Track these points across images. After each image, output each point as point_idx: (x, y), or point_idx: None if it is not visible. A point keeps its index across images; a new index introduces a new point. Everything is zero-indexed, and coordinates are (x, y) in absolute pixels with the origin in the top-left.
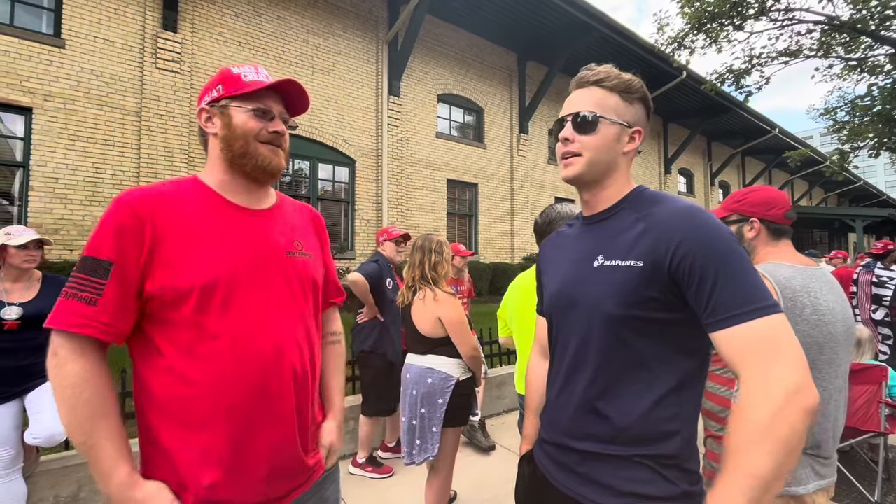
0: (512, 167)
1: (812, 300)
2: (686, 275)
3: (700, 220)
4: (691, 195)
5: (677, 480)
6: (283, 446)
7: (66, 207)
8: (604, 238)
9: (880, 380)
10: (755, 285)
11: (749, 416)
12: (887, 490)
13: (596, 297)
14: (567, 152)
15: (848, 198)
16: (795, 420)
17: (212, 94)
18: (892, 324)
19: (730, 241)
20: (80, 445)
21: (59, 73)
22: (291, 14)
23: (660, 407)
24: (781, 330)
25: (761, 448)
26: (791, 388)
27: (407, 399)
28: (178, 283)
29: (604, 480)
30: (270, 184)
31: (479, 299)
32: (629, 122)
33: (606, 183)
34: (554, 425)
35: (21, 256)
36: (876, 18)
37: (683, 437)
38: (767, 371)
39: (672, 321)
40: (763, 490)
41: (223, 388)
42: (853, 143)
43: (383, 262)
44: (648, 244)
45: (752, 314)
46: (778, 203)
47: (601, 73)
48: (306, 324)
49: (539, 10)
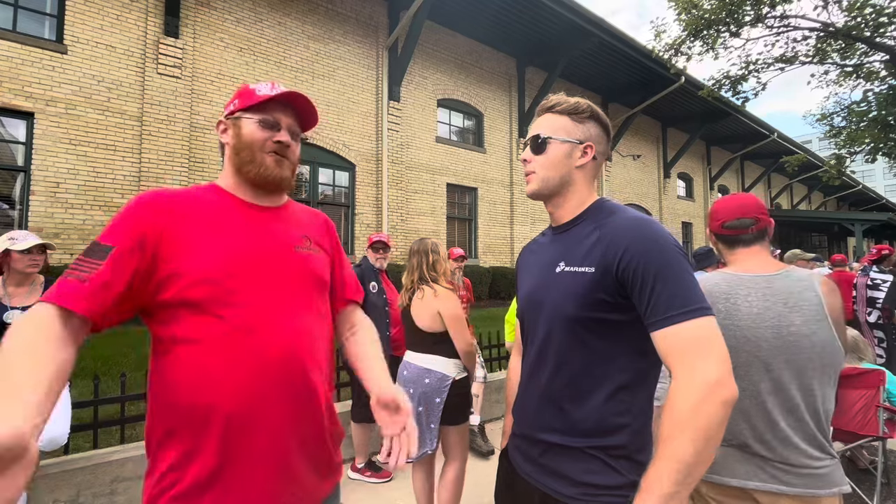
0: (511, 172)
1: (729, 305)
2: (630, 279)
3: (644, 231)
4: (690, 199)
5: (626, 471)
6: (280, 453)
7: (66, 212)
8: (566, 246)
9: (878, 384)
10: (689, 289)
11: (675, 407)
12: (886, 495)
13: (556, 300)
14: (526, 172)
15: (847, 202)
16: (713, 411)
17: (230, 108)
18: (885, 326)
19: (669, 250)
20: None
21: (61, 78)
22: (292, 20)
23: (612, 401)
24: (709, 330)
25: (684, 435)
26: (711, 382)
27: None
28: (188, 275)
29: (563, 471)
30: (278, 195)
31: (479, 304)
32: (579, 138)
33: (566, 195)
34: (521, 418)
35: (24, 261)
36: (871, 25)
37: (632, 430)
38: (693, 367)
39: (623, 322)
40: (686, 473)
41: (224, 382)
42: (850, 148)
43: (367, 265)
44: (600, 252)
45: (684, 315)
46: (716, 215)
47: (552, 100)
48: (314, 318)
49: (538, 15)
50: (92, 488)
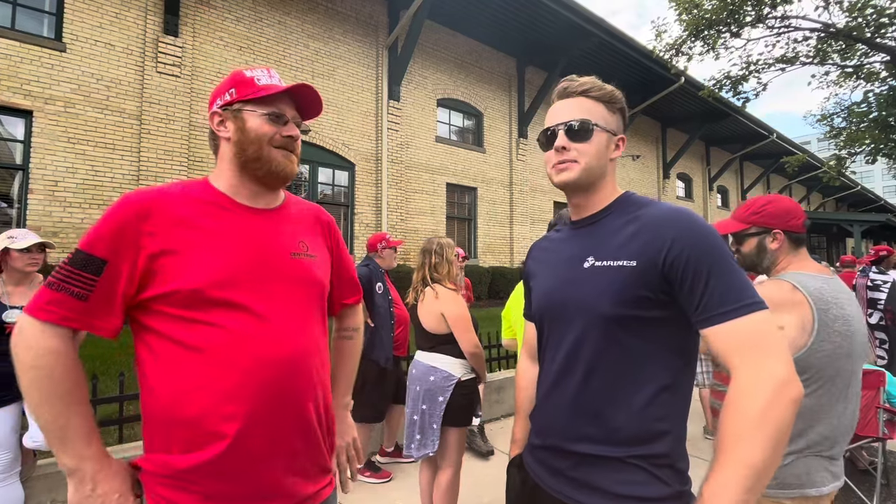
0: (511, 171)
1: (841, 311)
2: (679, 273)
3: (691, 221)
4: (690, 200)
5: (670, 480)
6: (274, 459)
7: (65, 210)
8: (593, 240)
9: (878, 385)
10: (743, 283)
11: (741, 408)
12: (886, 496)
13: (588, 298)
14: (562, 160)
15: (846, 203)
16: (784, 411)
17: (224, 98)
18: (887, 327)
19: (719, 242)
20: (48, 426)
21: (60, 76)
22: (292, 19)
23: (651, 406)
24: (769, 325)
25: (754, 438)
26: (780, 381)
27: (410, 394)
28: (180, 283)
29: (598, 484)
30: (281, 188)
31: (479, 303)
32: (614, 130)
33: (598, 188)
34: (546, 429)
35: (24, 260)
36: (871, 26)
37: (674, 437)
38: (758, 364)
39: (662, 319)
40: (756, 479)
41: (221, 388)
42: (850, 149)
43: (374, 266)
44: (641, 244)
45: (741, 310)
46: (797, 213)
47: (587, 83)
48: (311, 327)
49: (538, 15)
50: None
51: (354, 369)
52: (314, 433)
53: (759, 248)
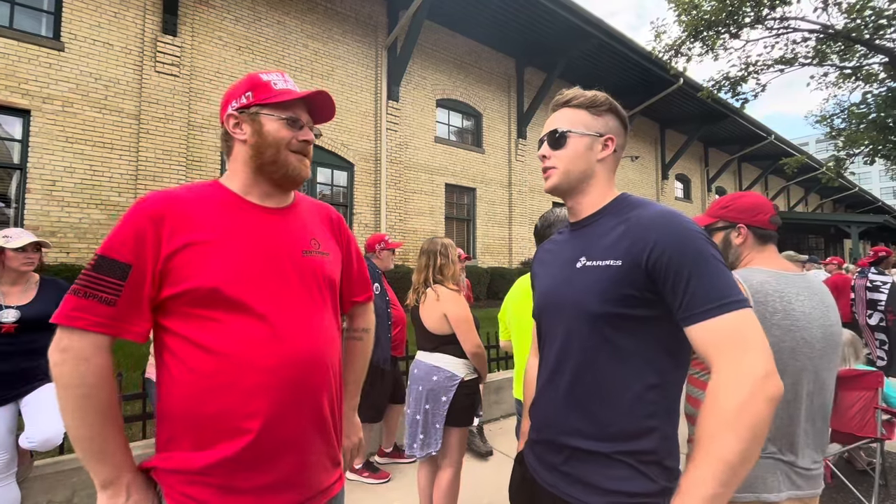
0: (510, 172)
1: (784, 304)
2: (661, 272)
3: (674, 222)
4: (688, 201)
5: (657, 477)
6: (293, 451)
7: (63, 210)
8: (587, 241)
9: (876, 386)
10: (725, 282)
11: (719, 404)
12: (884, 497)
13: (578, 296)
14: (545, 167)
15: (844, 204)
16: (761, 407)
17: (241, 101)
18: (888, 328)
19: (702, 242)
20: (87, 441)
21: (58, 75)
22: (291, 19)
23: (639, 403)
24: (750, 323)
25: (730, 434)
26: (758, 377)
27: (413, 394)
28: (197, 281)
29: (588, 479)
30: (294, 190)
31: (478, 304)
32: (599, 131)
33: (586, 190)
34: (542, 423)
35: (19, 259)
36: (870, 27)
37: (662, 434)
38: (737, 361)
39: (650, 318)
40: (731, 473)
41: (244, 387)
42: (849, 150)
43: (371, 267)
44: (627, 244)
45: (722, 308)
46: (763, 209)
47: (568, 94)
48: (326, 323)
49: (537, 16)
50: (87, 489)
51: (364, 371)
52: (328, 427)
53: (724, 242)
